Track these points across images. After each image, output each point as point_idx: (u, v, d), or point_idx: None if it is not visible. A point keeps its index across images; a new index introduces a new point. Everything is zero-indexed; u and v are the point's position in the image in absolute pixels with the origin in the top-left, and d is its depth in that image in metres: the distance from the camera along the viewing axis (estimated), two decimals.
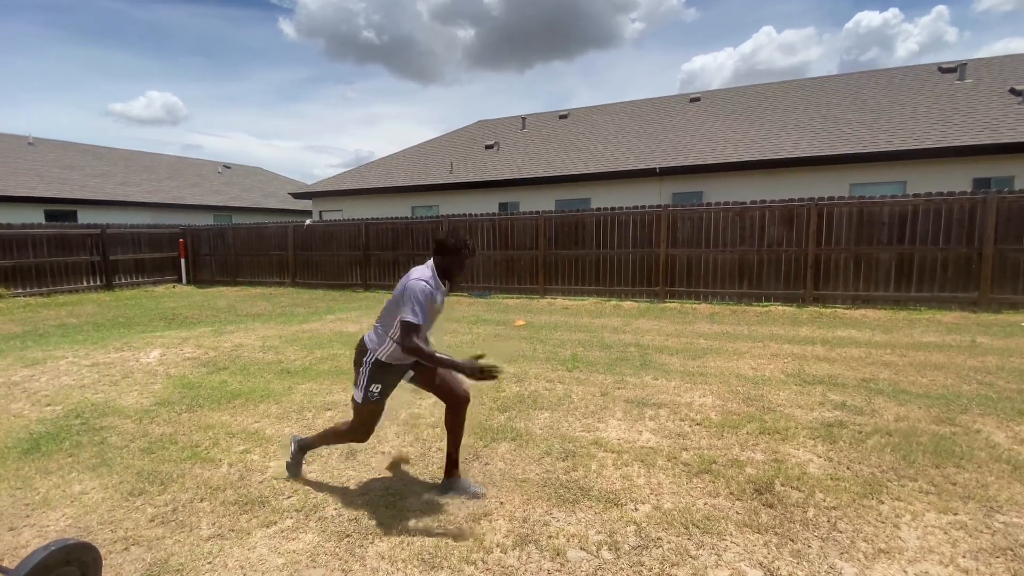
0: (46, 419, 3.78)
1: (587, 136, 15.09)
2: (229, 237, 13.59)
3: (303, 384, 4.61)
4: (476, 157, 15.43)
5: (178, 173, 19.55)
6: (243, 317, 8.86)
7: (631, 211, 9.47)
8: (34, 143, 16.67)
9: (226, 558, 2.16)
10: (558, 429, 3.48)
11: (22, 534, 2.35)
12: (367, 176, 15.82)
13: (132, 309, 9.92)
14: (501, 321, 7.73)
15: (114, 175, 16.86)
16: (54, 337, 7.15)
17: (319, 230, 12.48)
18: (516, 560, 2.13)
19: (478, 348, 5.87)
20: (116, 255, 12.55)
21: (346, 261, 12.09)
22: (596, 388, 4.33)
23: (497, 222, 10.50)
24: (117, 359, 5.62)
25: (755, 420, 3.57)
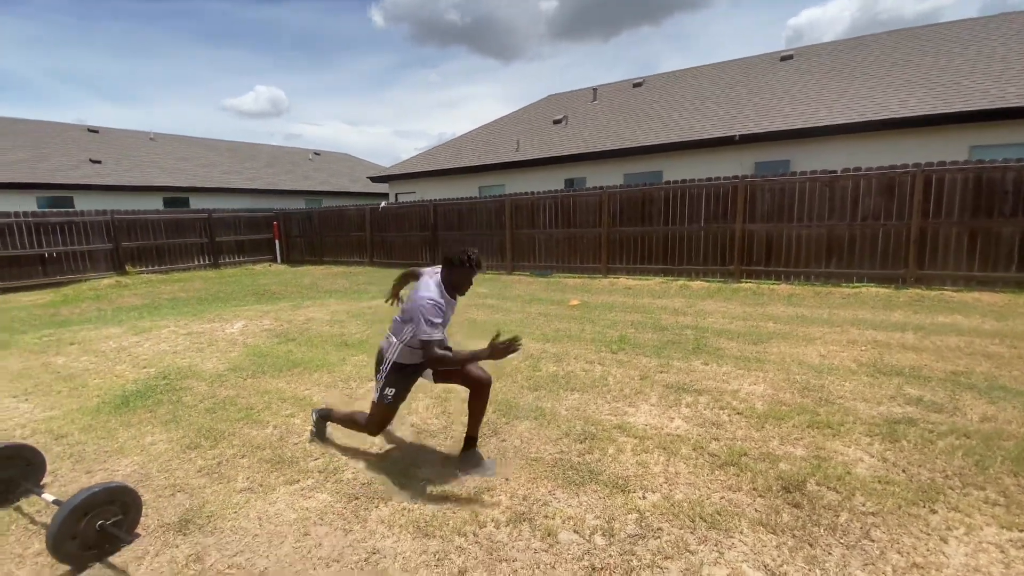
0: (139, 379, 4.38)
1: (662, 104, 14.21)
2: (315, 219, 14.67)
3: (356, 356, 4.90)
4: (543, 133, 15.17)
5: (275, 161, 21.43)
6: (321, 293, 9.58)
7: (704, 184, 8.82)
8: (155, 138, 19.13)
9: (249, 510, 2.39)
10: (584, 411, 3.40)
11: (95, 476, 2.76)
12: (437, 158, 16.22)
13: (231, 285, 11.11)
14: (556, 300, 7.65)
15: (220, 164, 18.88)
16: (164, 309, 8.23)
17: (392, 211, 13.07)
18: (506, 536, 2.13)
19: (511, 330, 5.88)
20: (220, 237, 14.08)
21: (417, 241, 12.58)
22: (637, 371, 4.16)
23: (560, 199, 10.31)
24: (208, 329, 6.35)
25: (806, 412, 3.23)
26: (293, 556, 2.06)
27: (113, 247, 11.84)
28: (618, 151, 12.27)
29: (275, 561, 2.03)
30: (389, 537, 2.16)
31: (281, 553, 2.08)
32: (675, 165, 11.71)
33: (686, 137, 11.54)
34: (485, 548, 2.06)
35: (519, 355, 3.35)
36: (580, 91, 17.94)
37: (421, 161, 16.67)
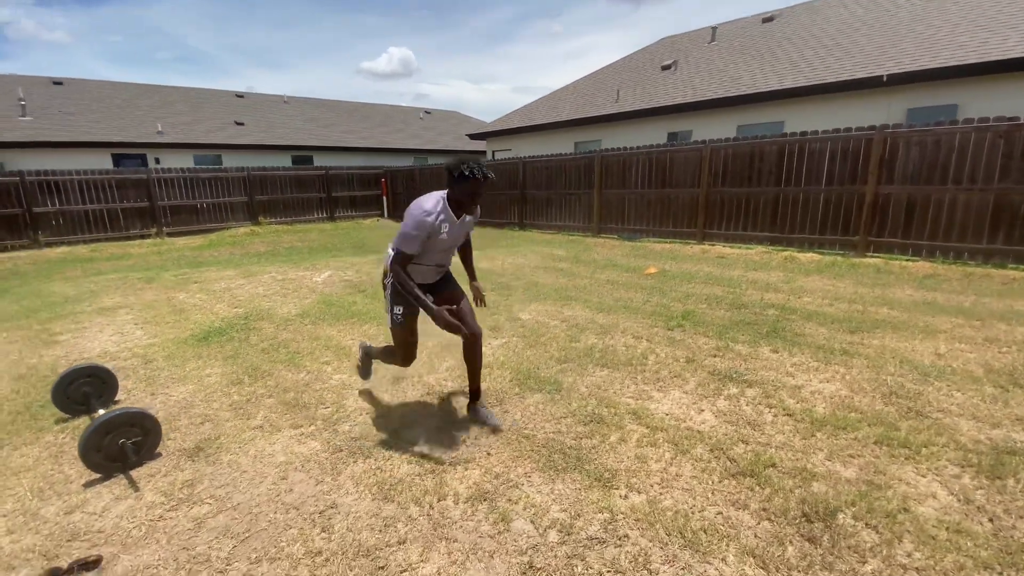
0: (227, 318, 4.97)
1: (794, 42, 12.05)
2: (416, 177, 15.30)
3: None
4: (648, 81, 13.85)
5: (388, 120, 22.61)
6: None
7: (830, 136, 7.39)
8: (288, 101, 21.23)
9: (251, 447, 2.58)
10: (605, 390, 3.11)
11: (157, 398, 3.19)
12: (534, 113, 15.74)
13: (339, 237, 12.15)
14: (632, 267, 7.11)
15: (339, 124, 20.42)
16: (280, 256, 9.27)
17: None
18: (459, 514, 2.03)
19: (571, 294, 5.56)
20: (336, 192, 15.37)
21: (505, 200, 12.52)
22: (685, 352, 3.70)
23: (654, 156, 9.42)
24: (300, 277, 7.01)
25: (881, 424, 2.60)
26: (263, 497, 2.18)
27: (248, 200, 13.56)
28: (732, 99, 10.77)
29: (248, 498, 2.17)
30: (352, 494, 2.18)
31: (256, 492, 2.21)
32: (801, 114, 9.99)
33: (818, 79, 9.71)
34: (434, 522, 1.99)
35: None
36: (698, 31, 15.92)
37: (518, 117, 16.33)
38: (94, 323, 4.97)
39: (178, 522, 2.03)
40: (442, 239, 2.45)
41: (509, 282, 6.30)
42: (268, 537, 1.94)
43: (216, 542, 1.91)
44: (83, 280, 7.38)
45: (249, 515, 2.07)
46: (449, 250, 2.61)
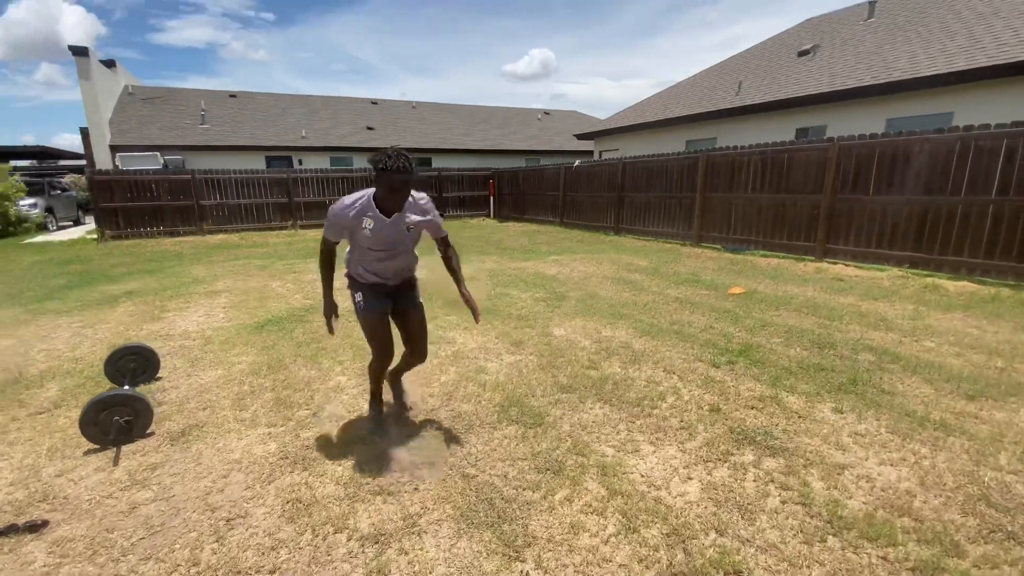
0: (290, 309, 5.44)
1: (983, 8, 9.50)
2: (520, 178, 15.41)
3: (449, 316, 5.02)
4: (779, 70, 12.06)
5: (506, 122, 23.15)
6: (499, 249, 10.12)
7: (1010, 131, 5.69)
8: (416, 107, 22.87)
9: (223, 440, 2.73)
10: (589, 433, 2.71)
11: (192, 378, 3.57)
12: (646, 110, 14.74)
13: None
14: (716, 285, 6.24)
15: (458, 127, 21.43)
16: None
17: (584, 171, 12.66)
18: (343, 553, 1.89)
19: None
20: (447, 193, 16.17)
21: (603, 202, 11.96)
22: (717, 398, 3.09)
23: (769, 156, 8.17)
24: None
25: (939, 545, 1.85)
26: (196, 493, 2.27)
27: None
28: (883, 86, 8.88)
29: (183, 491, 2.28)
30: (265, 507, 2.17)
31: (194, 487, 2.32)
32: (978, 104, 7.85)
33: (1011, 57, 7.51)
34: (314, 557, 1.87)
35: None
36: (852, 8, 13.42)
37: (628, 115, 15.47)
38: (198, 304, 5.81)
39: (119, 503, 2.21)
40: (365, 235, 2.32)
41: (567, 292, 5.95)
42: (172, 536, 2.00)
43: (132, 530, 2.03)
44: (219, 264, 8.73)
45: (173, 509, 2.17)
46: (392, 251, 2.43)
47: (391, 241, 2.38)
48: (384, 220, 2.33)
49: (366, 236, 2.34)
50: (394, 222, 2.35)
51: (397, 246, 2.42)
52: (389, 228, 2.35)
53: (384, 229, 2.34)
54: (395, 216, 2.34)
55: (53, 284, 7.12)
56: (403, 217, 2.36)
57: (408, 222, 2.39)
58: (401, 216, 2.36)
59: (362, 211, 2.30)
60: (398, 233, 2.38)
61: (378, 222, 2.32)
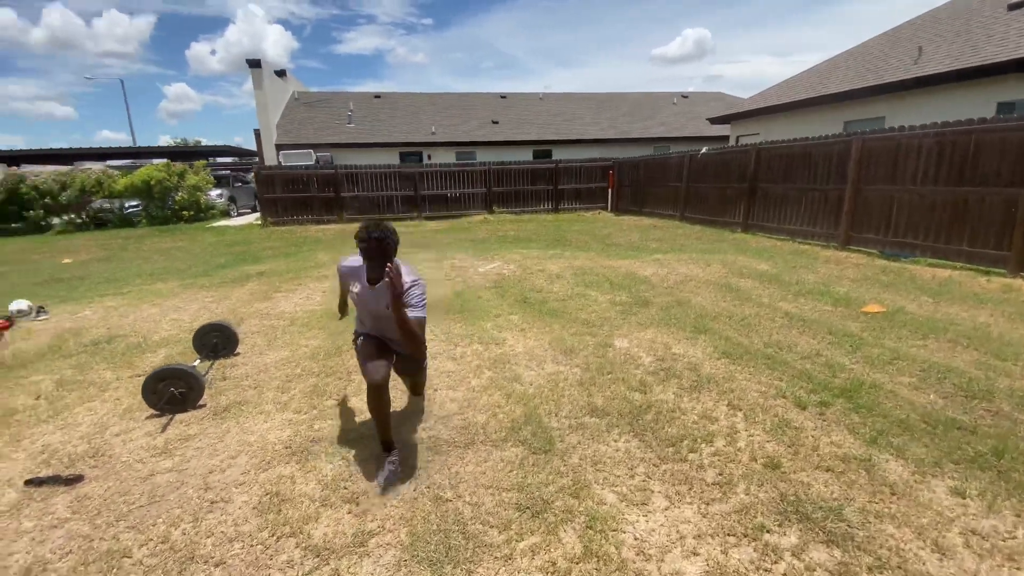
0: None
1: None
2: (641, 168, 14.43)
3: (512, 315, 4.82)
4: (977, 29, 9.26)
5: (637, 109, 21.83)
6: (603, 245, 9.62)
7: None
8: (543, 98, 22.74)
9: (252, 420, 2.91)
10: (598, 471, 2.31)
11: (265, 355, 3.92)
12: (795, 88, 12.55)
13: (549, 229, 12.54)
14: (847, 300, 5.03)
15: (583, 117, 20.80)
16: (489, 243, 10.18)
17: (711, 159, 11.34)
18: (283, 561, 1.83)
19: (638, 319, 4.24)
20: (563, 185, 15.87)
21: (732, 194, 10.57)
22: (784, 449, 2.43)
23: (948, 139, 6.35)
24: (470, 265, 7.54)
25: None
26: (203, 469, 2.43)
27: (486, 191, 15.31)
28: None
29: (194, 466, 2.46)
30: (246, 496, 2.22)
31: (204, 463, 2.49)
32: None
33: None
34: (254, 560, 1.85)
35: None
36: None
37: (773, 94, 13.37)
38: (305, 287, 6.46)
39: (142, 469, 2.46)
40: (353, 297, 2.49)
41: (653, 296, 5.33)
42: (163, 508, 2.15)
43: (138, 496, 2.24)
44: (343, 249, 9.68)
45: (178, 482, 2.34)
46: (377, 319, 2.48)
47: (377, 312, 2.42)
48: (367, 288, 2.41)
49: (353, 298, 2.49)
50: (377, 292, 2.38)
51: (381, 318, 2.43)
52: (371, 297, 2.40)
53: (366, 296, 2.41)
54: (379, 286, 2.36)
55: (213, 262, 8.57)
56: (385, 293, 2.26)
57: (388, 301, 2.25)
58: (384, 291, 2.30)
59: (353, 274, 2.45)
60: (380, 305, 2.38)
61: (363, 289, 2.42)
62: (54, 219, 14.53)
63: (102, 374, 3.70)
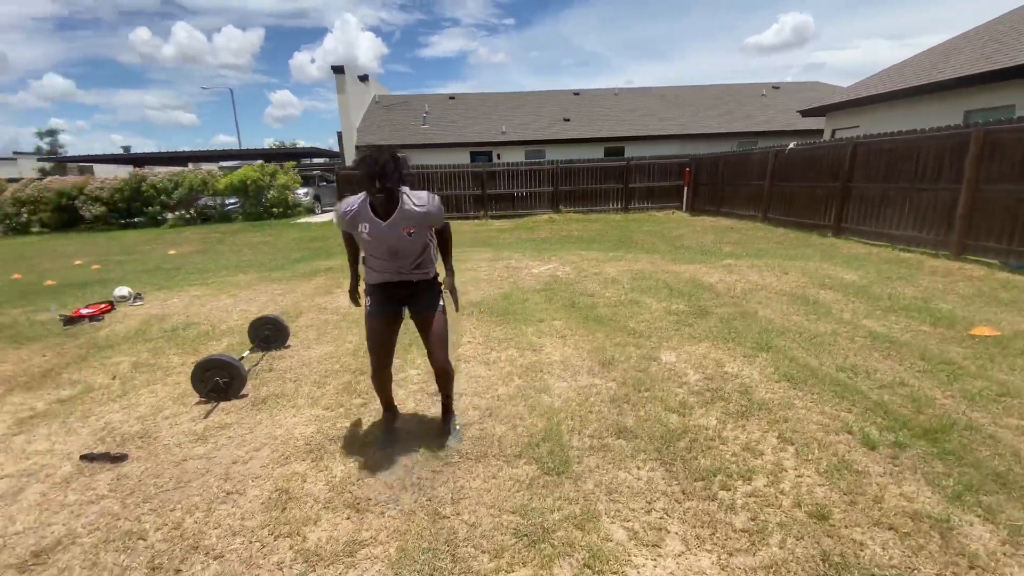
0: None
1: None
2: (720, 165, 13.49)
3: (555, 320, 4.65)
4: None
5: (718, 103, 20.41)
6: (671, 247, 9.10)
7: None
8: (618, 94, 21.97)
9: (283, 413, 3.02)
10: (611, 503, 2.11)
11: (310, 349, 4.09)
12: (904, 74, 10.96)
13: (616, 229, 12.10)
14: (953, 320, 4.29)
15: (658, 113, 19.80)
16: (548, 244, 10.05)
17: (799, 155, 10.30)
18: (273, 563, 1.83)
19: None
20: (634, 183, 15.25)
21: (821, 195, 9.53)
22: (835, 498, 2.08)
23: None
24: (525, 265, 7.44)
25: None
26: (228, 459, 2.54)
27: (553, 190, 15.10)
28: None
29: (221, 455, 2.58)
30: (259, 489, 2.28)
31: (231, 453, 2.60)
32: None
33: None
34: (251, 556, 1.87)
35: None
36: None
37: (876, 82, 11.82)
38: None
39: (178, 453, 2.62)
40: (364, 238, 2.27)
41: (714, 306, 4.90)
42: (184, 495, 2.27)
43: (167, 480, 2.38)
44: None
45: (204, 470, 2.47)
46: (391, 251, 2.30)
47: (391, 246, 2.28)
48: (380, 223, 2.22)
49: (365, 240, 2.29)
50: (392, 225, 2.21)
51: (399, 251, 2.30)
52: (387, 231, 2.23)
53: (379, 231, 2.23)
54: (392, 218, 2.19)
55: (291, 256, 9.19)
56: (402, 220, 2.19)
57: (407, 224, 2.20)
58: (400, 218, 2.19)
59: (357, 216, 2.24)
60: (397, 238, 2.25)
61: (374, 226, 2.23)
62: (168, 214, 16.44)
63: (171, 359, 4.05)
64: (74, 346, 4.41)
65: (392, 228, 2.21)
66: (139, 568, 1.83)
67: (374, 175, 2.08)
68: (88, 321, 5.08)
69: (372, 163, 2.08)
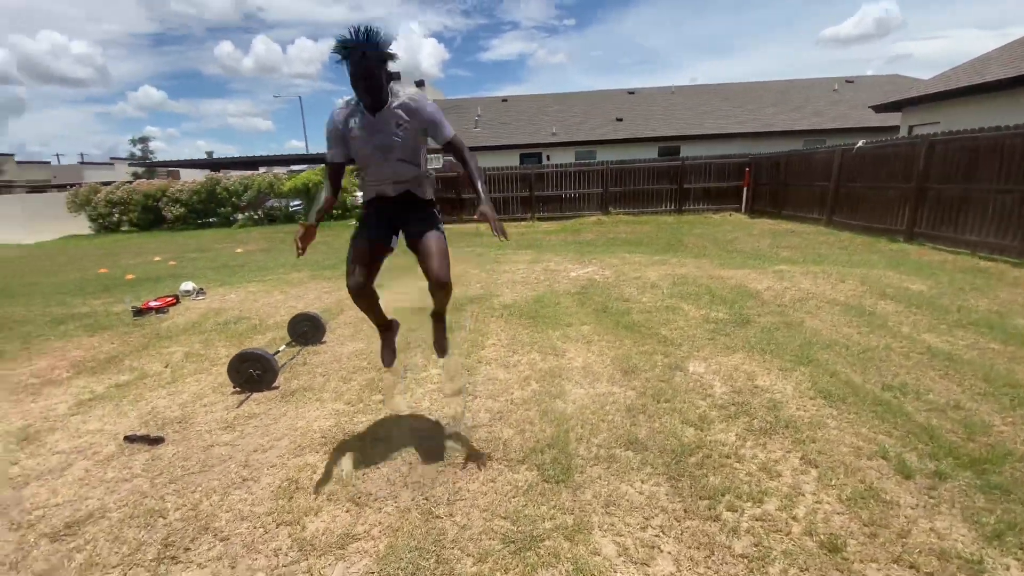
0: (464, 295, 5.88)
1: None
2: (782, 166, 12.73)
3: (584, 325, 4.58)
4: None
5: (784, 99, 19.17)
6: (723, 251, 8.72)
7: None
8: (675, 92, 21.19)
9: (309, 406, 3.17)
10: (601, 516, 2.06)
11: (345, 346, 4.27)
12: (992, 65, 9.80)
13: (666, 232, 11.72)
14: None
15: (717, 110, 18.88)
16: (592, 246, 9.92)
17: (868, 154, 9.52)
18: (262, 562, 1.93)
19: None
20: (688, 184, 14.72)
21: (893, 196, 8.76)
22: (854, 528, 1.91)
23: None
24: (564, 268, 7.37)
25: None
26: (249, 447, 2.69)
27: (603, 191, 14.87)
28: None
29: (245, 443, 2.74)
30: (271, 478, 2.40)
31: (254, 441, 2.76)
32: None
33: None
34: (253, 540, 1.98)
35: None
36: None
37: (960, 74, 10.65)
38: None
39: (208, 439, 2.82)
40: (355, 138, 2.18)
41: (756, 315, 4.63)
42: (205, 479, 2.43)
43: (193, 464, 2.57)
44: (453, 248, 10.17)
45: (227, 456, 2.63)
46: (385, 154, 2.22)
47: (381, 143, 2.18)
48: (369, 117, 2.15)
49: (355, 139, 2.20)
50: (383, 118, 2.15)
51: (392, 149, 2.20)
52: (377, 125, 2.15)
53: (370, 126, 2.15)
54: (384, 111, 2.15)
55: (344, 256, 9.60)
56: (392, 113, 2.16)
57: (398, 118, 2.17)
58: (390, 112, 2.16)
59: (350, 112, 2.18)
60: (387, 133, 2.17)
61: (364, 119, 2.16)
62: (238, 215, 17.72)
63: (219, 350, 4.36)
64: (139, 335, 4.86)
65: (382, 123, 2.16)
66: (154, 544, 1.99)
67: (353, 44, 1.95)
68: (155, 313, 5.57)
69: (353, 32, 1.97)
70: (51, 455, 2.70)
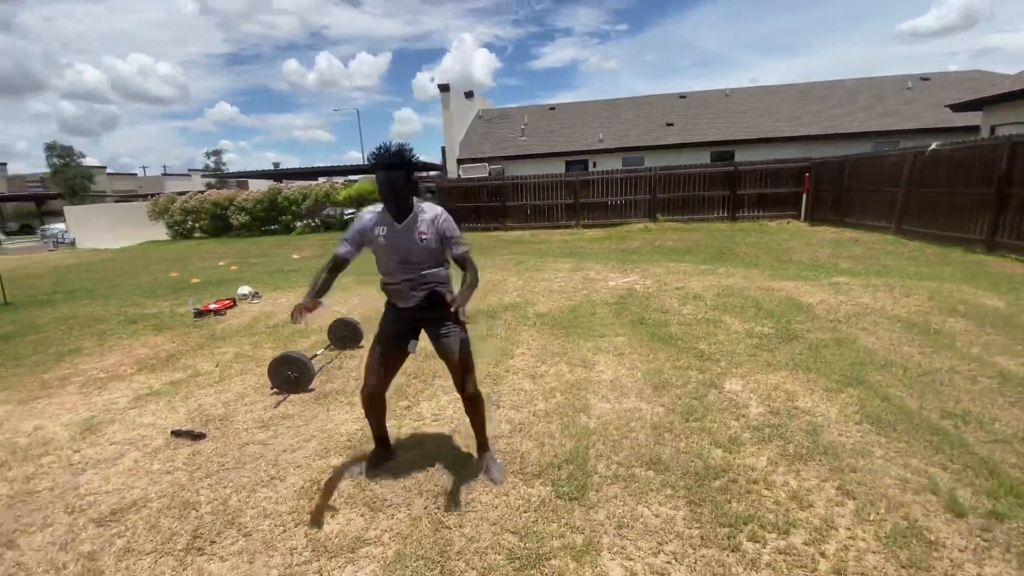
0: (499, 303, 5.93)
1: None
2: (846, 170, 11.93)
3: (618, 337, 4.48)
4: None
5: (851, 98, 17.88)
6: (776, 260, 8.31)
7: None
8: (729, 94, 20.28)
9: (340, 408, 3.29)
10: (612, 537, 2.01)
11: None
12: None
13: (717, 240, 11.26)
14: None
15: (777, 112, 17.89)
16: (636, 255, 9.72)
17: (943, 157, 8.75)
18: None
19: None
20: (743, 190, 14.10)
21: (970, 202, 8.00)
22: (893, 566, 1.76)
23: None
24: (603, 277, 7.25)
25: None
26: (280, 447, 2.83)
27: (650, 198, 14.52)
28: None
29: (277, 443, 2.88)
30: (296, 478, 2.51)
31: (285, 441, 2.89)
32: None
33: None
34: (271, 538, 2.07)
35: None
36: None
37: None
38: None
39: (243, 437, 2.98)
40: (380, 244, 2.31)
41: (806, 331, 4.35)
42: (236, 475, 2.57)
43: (227, 460, 2.72)
44: (497, 256, 10.26)
45: (258, 454, 2.77)
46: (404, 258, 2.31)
47: (405, 252, 2.30)
48: (395, 226, 2.29)
49: (380, 245, 2.33)
50: (405, 228, 2.29)
51: (411, 256, 2.32)
52: (401, 235, 2.29)
53: (395, 236, 2.29)
54: (407, 222, 2.28)
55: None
56: (415, 226, 2.28)
57: (420, 231, 2.28)
58: (413, 224, 2.28)
59: (378, 220, 2.33)
60: (410, 242, 2.30)
61: (390, 229, 2.30)
62: (297, 223, 18.72)
63: (266, 351, 4.61)
64: (197, 336, 5.23)
65: (406, 231, 2.29)
66: (184, 535, 2.12)
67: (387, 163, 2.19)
68: (213, 315, 5.98)
69: (383, 151, 2.21)
70: (108, 445, 2.96)
